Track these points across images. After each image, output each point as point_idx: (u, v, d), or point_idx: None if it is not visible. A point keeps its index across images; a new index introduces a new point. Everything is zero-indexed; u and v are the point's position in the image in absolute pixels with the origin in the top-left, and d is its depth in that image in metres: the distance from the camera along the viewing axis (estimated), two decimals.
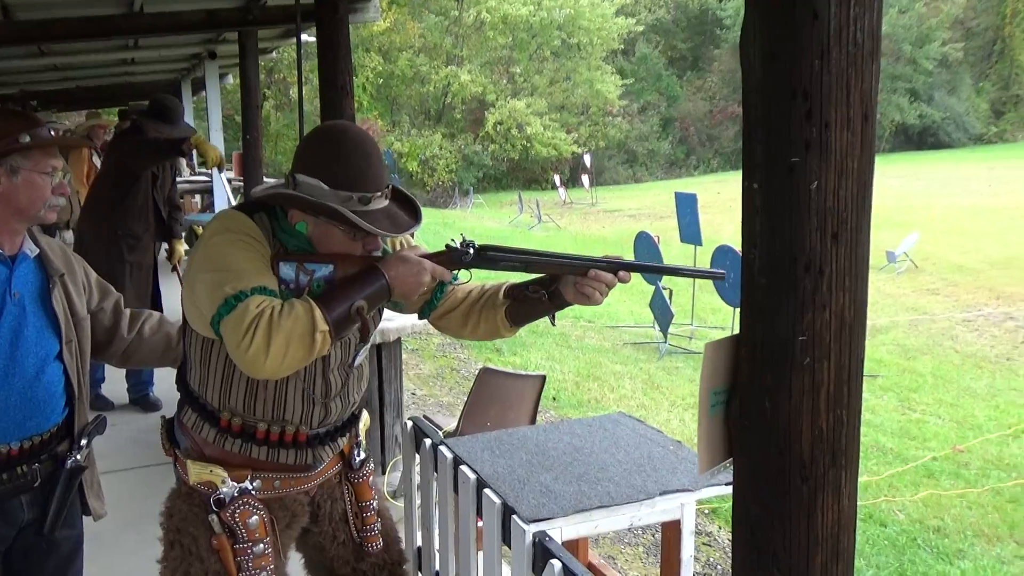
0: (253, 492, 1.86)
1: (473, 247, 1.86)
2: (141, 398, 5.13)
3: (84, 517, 2.29)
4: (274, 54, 16.87)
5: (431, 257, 1.86)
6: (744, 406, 1.38)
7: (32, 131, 1.98)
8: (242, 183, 10.43)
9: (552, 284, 1.91)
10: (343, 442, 2.01)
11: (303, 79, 6.45)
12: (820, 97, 1.25)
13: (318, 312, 1.67)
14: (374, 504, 2.08)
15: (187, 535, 1.88)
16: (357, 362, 1.94)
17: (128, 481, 3.96)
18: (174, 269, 5.80)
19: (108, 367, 5.01)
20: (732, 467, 1.45)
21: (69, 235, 6.42)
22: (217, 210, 11.59)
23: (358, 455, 2.06)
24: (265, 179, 10.01)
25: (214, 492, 1.84)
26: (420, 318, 2.05)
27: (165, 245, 5.67)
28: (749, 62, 1.32)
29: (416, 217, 1.87)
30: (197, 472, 1.86)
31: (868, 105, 1.28)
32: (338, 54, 4.34)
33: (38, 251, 2.08)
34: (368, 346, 1.97)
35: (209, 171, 5.67)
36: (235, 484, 1.85)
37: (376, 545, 2.07)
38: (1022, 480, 5.14)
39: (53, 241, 2.17)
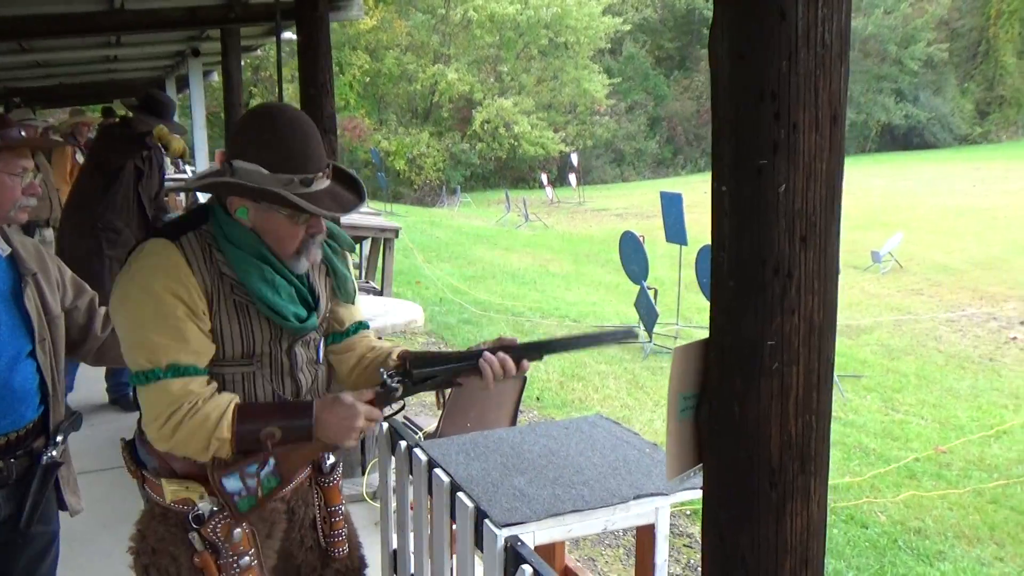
0: None
1: (399, 379, 1.79)
2: (121, 398, 5.09)
3: (61, 514, 2.28)
4: (260, 52, 16.81)
5: (366, 398, 1.77)
6: (713, 411, 1.36)
7: (1, 132, 1.97)
8: None
9: (439, 356, 1.89)
10: None
11: (283, 77, 6.41)
12: (788, 98, 1.23)
13: (226, 423, 1.67)
14: (342, 508, 2.05)
15: (165, 556, 1.82)
16: (321, 358, 1.92)
17: (104, 482, 3.93)
18: None
19: (76, 377, 5.02)
20: (702, 472, 1.44)
21: (49, 233, 6.36)
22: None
23: (328, 459, 2.03)
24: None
25: (192, 509, 1.77)
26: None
27: None
28: (717, 62, 1.30)
29: (359, 195, 1.81)
30: (173, 491, 1.79)
31: (837, 106, 1.26)
32: (318, 52, 4.31)
33: (10, 250, 2.07)
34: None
35: (176, 163, 5.58)
36: (213, 499, 1.78)
37: (342, 551, 2.03)
38: (1003, 481, 5.16)
39: (27, 240, 2.17)
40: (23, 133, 2.07)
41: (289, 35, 8.98)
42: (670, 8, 37.16)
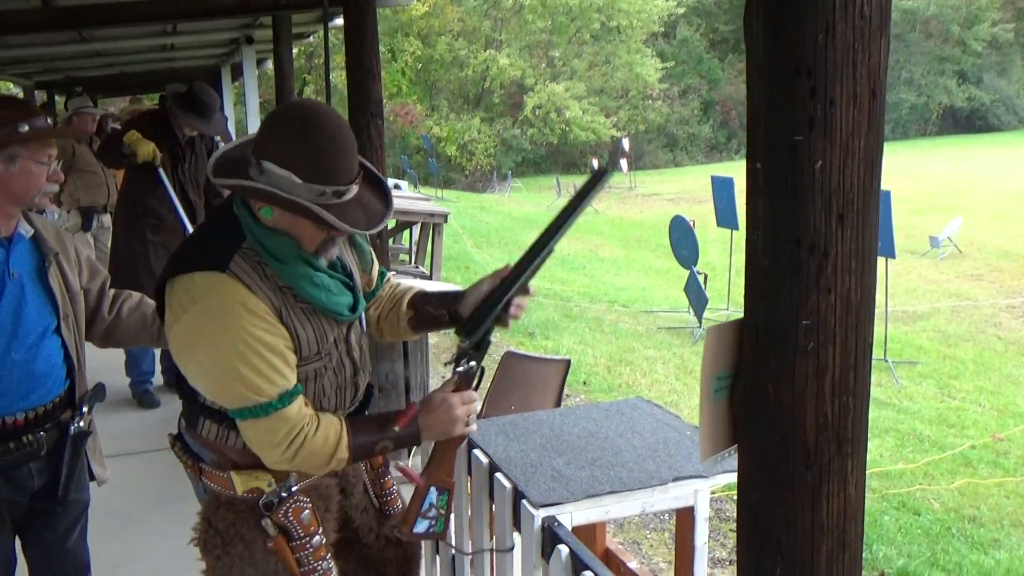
0: (297, 488, 1.84)
1: (469, 355, 1.83)
2: (143, 394, 5.07)
3: (115, 497, 2.36)
4: (312, 39, 16.96)
5: (451, 388, 1.83)
6: (747, 392, 1.35)
7: (30, 121, 2.03)
8: None
9: (454, 303, 1.91)
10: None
11: (325, 63, 6.46)
12: (825, 73, 1.20)
13: (345, 442, 1.73)
14: (389, 469, 2.12)
15: (237, 543, 1.84)
16: (364, 327, 1.98)
17: (158, 462, 4.02)
18: None
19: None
20: (736, 453, 1.43)
21: (107, 218, 6.50)
22: None
23: None
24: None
25: (261, 496, 1.80)
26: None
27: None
28: (752, 38, 1.28)
29: (387, 204, 1.78)
30: (243, 482, 1.81)
31: (876, 82, 1.23)
32: (364, 38, 4.34)
33: (33, 231, 2.16)
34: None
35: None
36: (280, 484, 1.81)
37: (397, 507, 2.10)
38: None
39: (47, 221, 2.26)
40: (48, 121, 2.16)
41: (339, 21, 9.06)
42: None
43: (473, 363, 1.83)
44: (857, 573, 1.37)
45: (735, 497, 4.46)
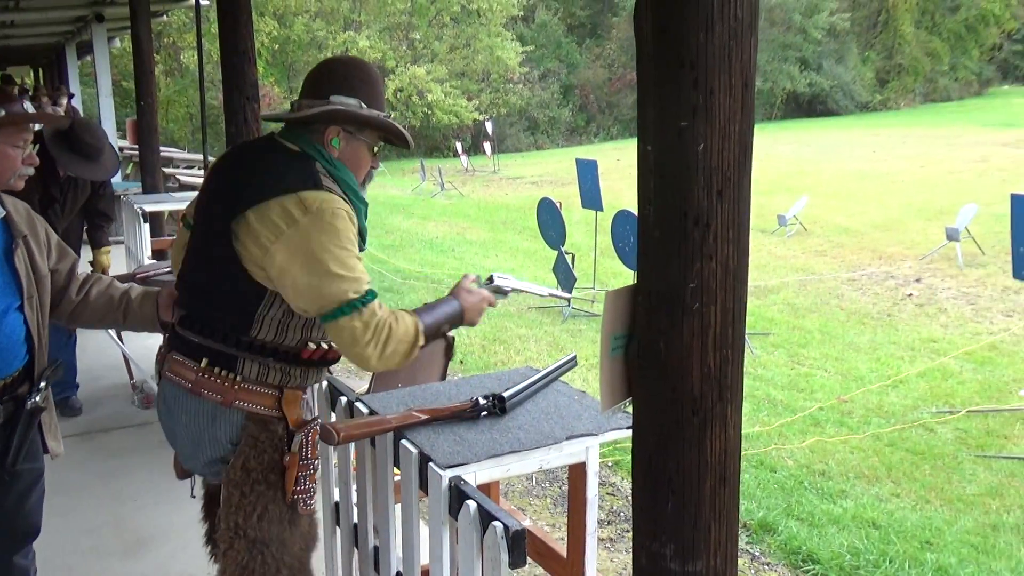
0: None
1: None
2: (62, 401, 4.94)
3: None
4: (164, 17, 16.35)
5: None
6: (641, 348, 1.52)
7: (7, 106, 2.14)
8: (136, 151, 10.15)
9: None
10: None
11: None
12: (705, 67, 1.38)
13: (420, 329, 1.99)
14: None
15: (264, 463, 2.01)
16: None
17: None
18: None
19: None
20: (631, 407, 1.60)
21: None
22: None
23: None
24: (163, 147, 9.54)
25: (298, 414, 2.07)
26: None
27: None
28: (642, 34, 1.44)
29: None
30: (289, 400, 2.05)
31: (747, 74, 1.42)
32: (239, 19, 4.31)
33: (4, 213, 2.21)
34: None
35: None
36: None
37: None
38: (899, 426, 5.52)
39: (20, 203, 2.30)
40: (26, 107, 2.25)
41: (192, 1, 8.81)
42: None
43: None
44: (735, 504, 1.56)
45: (610, 463, 4.69)
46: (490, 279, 2.39)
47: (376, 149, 2.14)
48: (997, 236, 10.91)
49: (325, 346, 2.07)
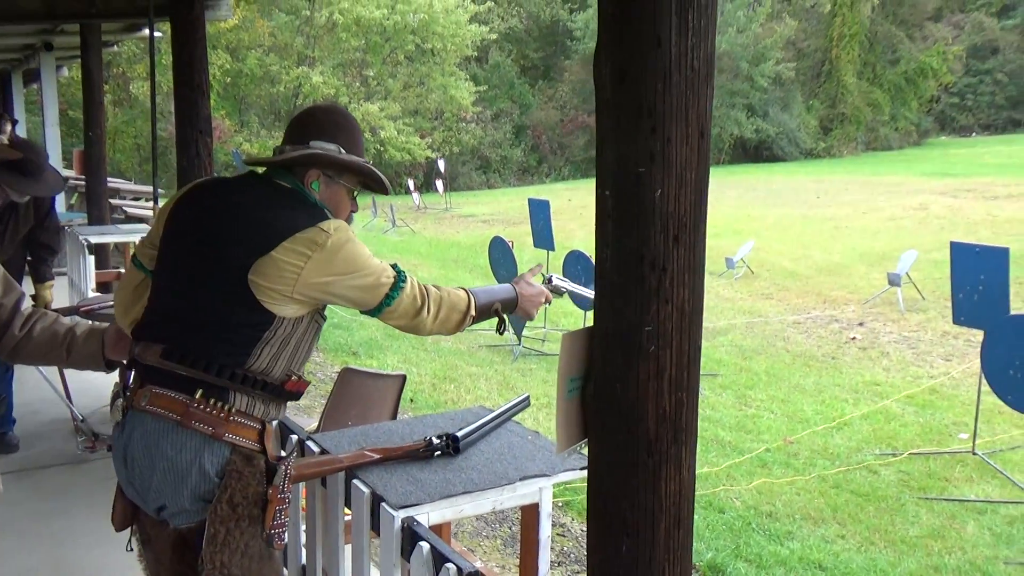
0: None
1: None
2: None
3: None
4: (115, 47, 16.20)
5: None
6: (597, 390, 1.53)
7: None
8: (83, 181, 10.00)
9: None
10: None
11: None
12: (663, 115, 1.41)
13: (472, 301, 2.17)
14: None
15: (248, 497, 1.98)
16: None
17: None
18: None
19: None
20: (587, 448, 1.60)
21: None
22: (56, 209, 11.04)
23: None
24: (113, 179, 9.39)
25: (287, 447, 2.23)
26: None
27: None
28: (601, 80, 1.47)
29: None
30: (272, 432, 2.07)
31: (704, 123, 1.45)
32: (194, 53, 4.31)
33: None
34: None
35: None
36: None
37: None
38: (844, 468, 5.61)
39: None
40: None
41: (145, 32, 8.75)
42: (535, 19, 37.80)
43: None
44: (689, 545, 1.58)
45: (560, 504, 4.68)
46: (549, 279, 2.53)
47: (355, 193, 2.22)
48: (936, 282, 11.21)
49: (304, 379, 2.10)
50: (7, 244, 4.60)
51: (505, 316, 2.33)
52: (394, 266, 2.09)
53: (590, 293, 2.55)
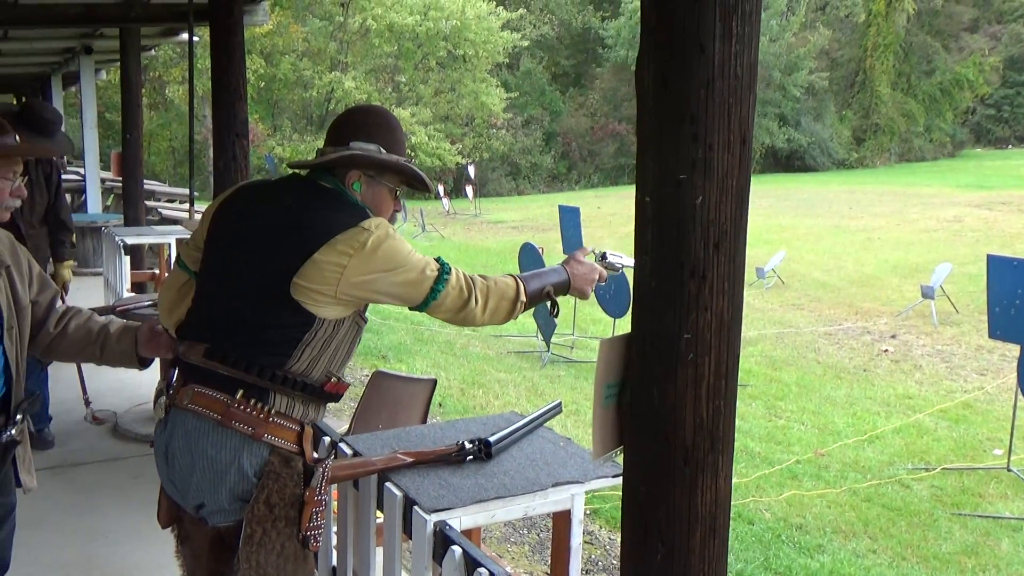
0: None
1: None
2: (37, 432, 4.88)
3: None
4: (152, 51, 16.41)
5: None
6: (634, 397, 1.52)
7: None
8: (120, 183, 10.13)
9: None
10: None
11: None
12: (705, 122, 1.40)
13: (522, 287, 2.13)
14: None
15: (285, 498, 1.98)
16: None
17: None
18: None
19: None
20: (621, 456, 1.60)
21: None
22: (91, 210, 11.21)
23: None
24: (147, 181, 9.55)
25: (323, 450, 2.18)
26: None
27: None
28: (643, 87, 1.47)
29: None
30: (310, 434, 2.05)
31: (746, 130, 1.45)
32: (232, 57, 4.35)
33: None
34: None
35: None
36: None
37: None
38: (876, 481, 5.54)
39: (3, 232, 2.26)
40: (17, 140, 2.22)
41: (184, 37, 8.85)
42: (566, 26, 37.85)
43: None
44: (724, 555, 1.56)
45: (588, 512, 4.67)
46: (603, 255, 2.46)
47: (398, 192, 2.20)
48: (971, 295, 11.06)
49: (344, 380, 2.10)
50: (29, 223, 4.65)
51: (556, 299, 2.27)
52: (438, 259, 2.06)
53: None
